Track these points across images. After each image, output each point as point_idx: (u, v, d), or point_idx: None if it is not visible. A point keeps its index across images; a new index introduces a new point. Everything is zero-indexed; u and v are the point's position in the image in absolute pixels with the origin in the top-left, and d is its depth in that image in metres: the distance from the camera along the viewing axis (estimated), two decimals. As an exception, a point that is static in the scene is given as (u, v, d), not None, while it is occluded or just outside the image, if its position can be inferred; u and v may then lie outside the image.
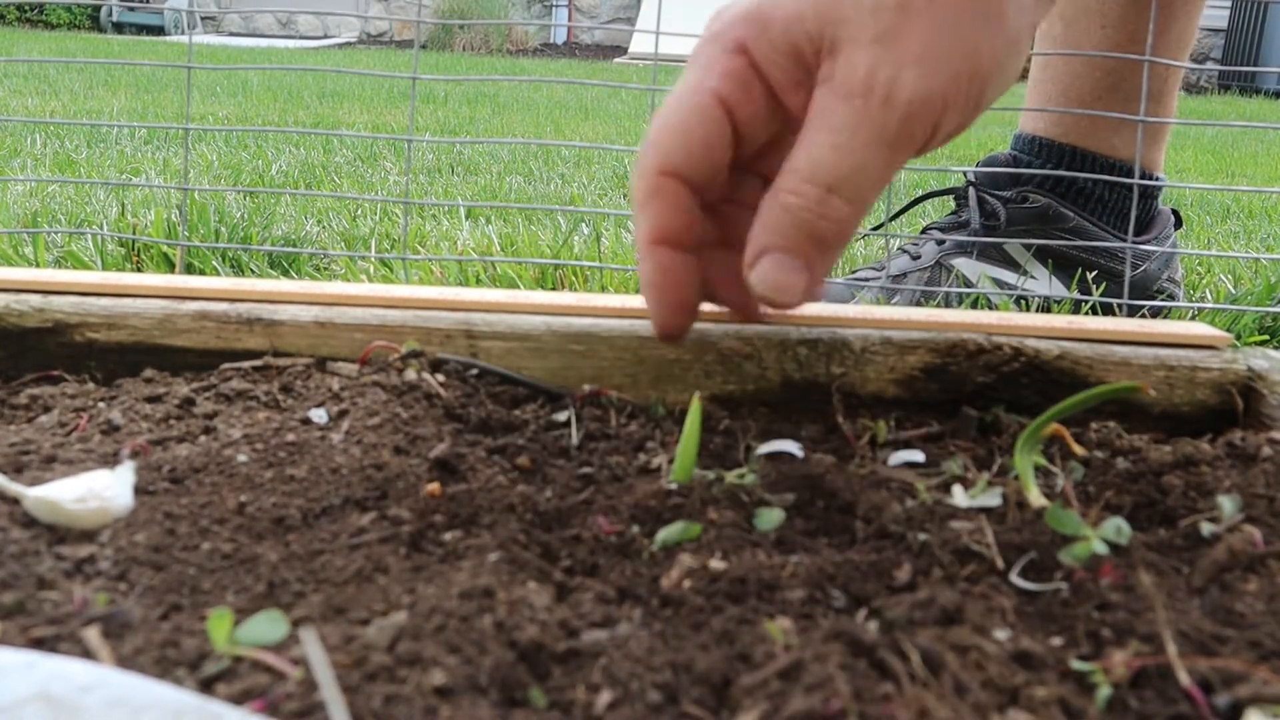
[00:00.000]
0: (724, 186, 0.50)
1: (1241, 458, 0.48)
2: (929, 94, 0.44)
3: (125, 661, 0.32)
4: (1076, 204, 1.17)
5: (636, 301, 0.58)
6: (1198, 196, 2.28)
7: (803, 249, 0.46)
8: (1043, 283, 1.17)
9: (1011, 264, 1.17)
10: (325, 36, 8.83)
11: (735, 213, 0.51)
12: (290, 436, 0.48)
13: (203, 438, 0.49)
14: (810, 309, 0.58)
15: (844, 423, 0.54)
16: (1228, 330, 1.05)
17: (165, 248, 1.22)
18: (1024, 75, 1.23)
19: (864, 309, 0.60)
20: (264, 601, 0.36)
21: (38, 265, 1.16)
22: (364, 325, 0.57)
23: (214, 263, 1.19)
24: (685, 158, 0.46)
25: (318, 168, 2.04)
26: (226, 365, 0.56)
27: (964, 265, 1.17)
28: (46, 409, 0.52)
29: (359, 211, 1.58)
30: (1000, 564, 0.40)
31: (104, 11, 8.66)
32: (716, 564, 0.39)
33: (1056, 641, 0.35)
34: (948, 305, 1.15)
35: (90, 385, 0.55)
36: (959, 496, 0.45)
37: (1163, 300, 1.16)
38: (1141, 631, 0.35)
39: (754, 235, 0.46)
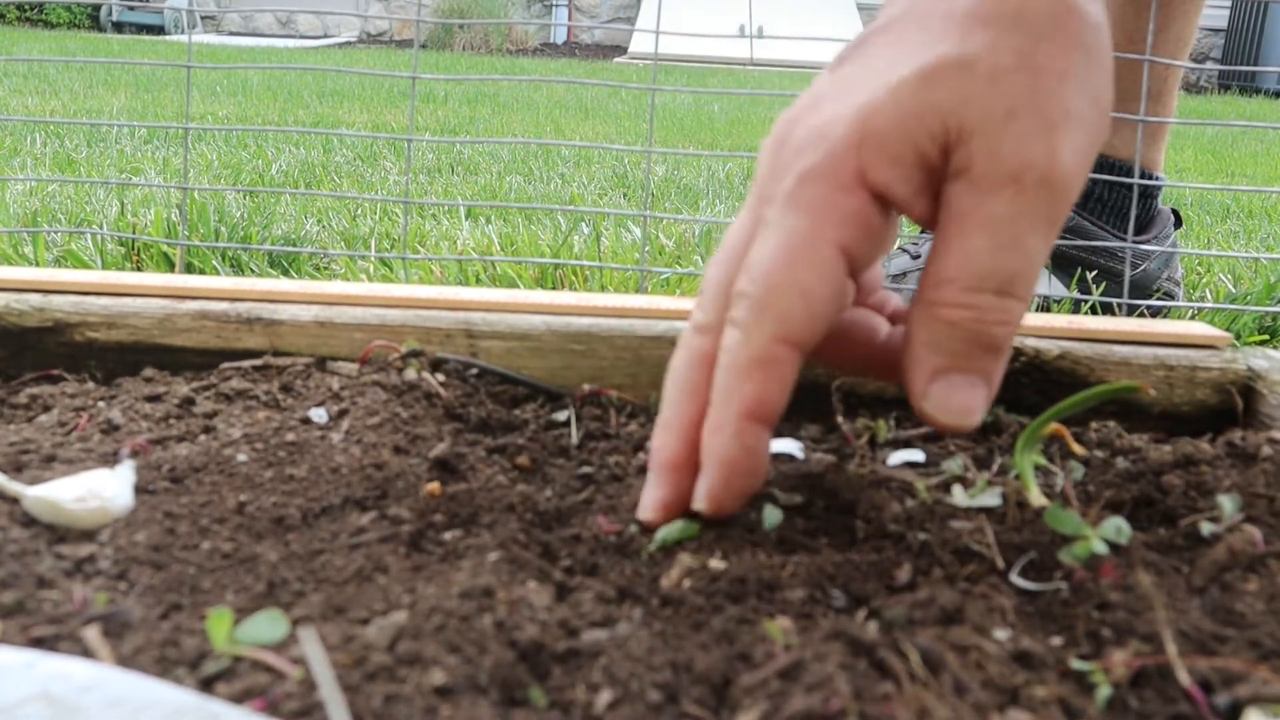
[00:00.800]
0: None
1: (1241, 458, 0.48)
2: (1079, 156, 0.40)
3: (125, 661, 0.32)
4: (1076, 203, 1.17)
5: (636, 301, 0.58)
6: (1198, 196, 2.28)
7: (980, 363, 0.40)
8: (1042, 282, 1.17)
9: (1011, 264, 1.17)
10: (325, 36, 8.84)
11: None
12: (290, 436, 0.48)
13: (203, 437, 0.49)
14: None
15: (844, 423, 0.54)
16: (1227, 330, 1.05)
17: (165, 247, 1.22)
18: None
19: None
20: (264, 601, 0.36)
21: (38, 265, 1.16)
22: (364, 325, 0.57)
23: (214, 262, 1.19)
24: (806, 324, 0.39)
25: (318, 167, 2.04)
26: (226, 365, 0.56)
27: (964, 265, 1.17)
28: (46, 408, 0.52)
29: (359, 211, 1.59)
30: (1000, 564, 0.40)
31: (104, 11, 8.66)
32: (716, 564, 0.39)
33: (1056, 641, 0.35)
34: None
35: (90, 385, 0.55)
36: (959, 496, 0.45)
37: (1162, 300, 1.16)
38: (1141, 631, 0.35)
39: (917, 358, 0.40)
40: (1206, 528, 0.42)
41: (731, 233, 0.44)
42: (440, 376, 0.54)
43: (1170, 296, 1.19)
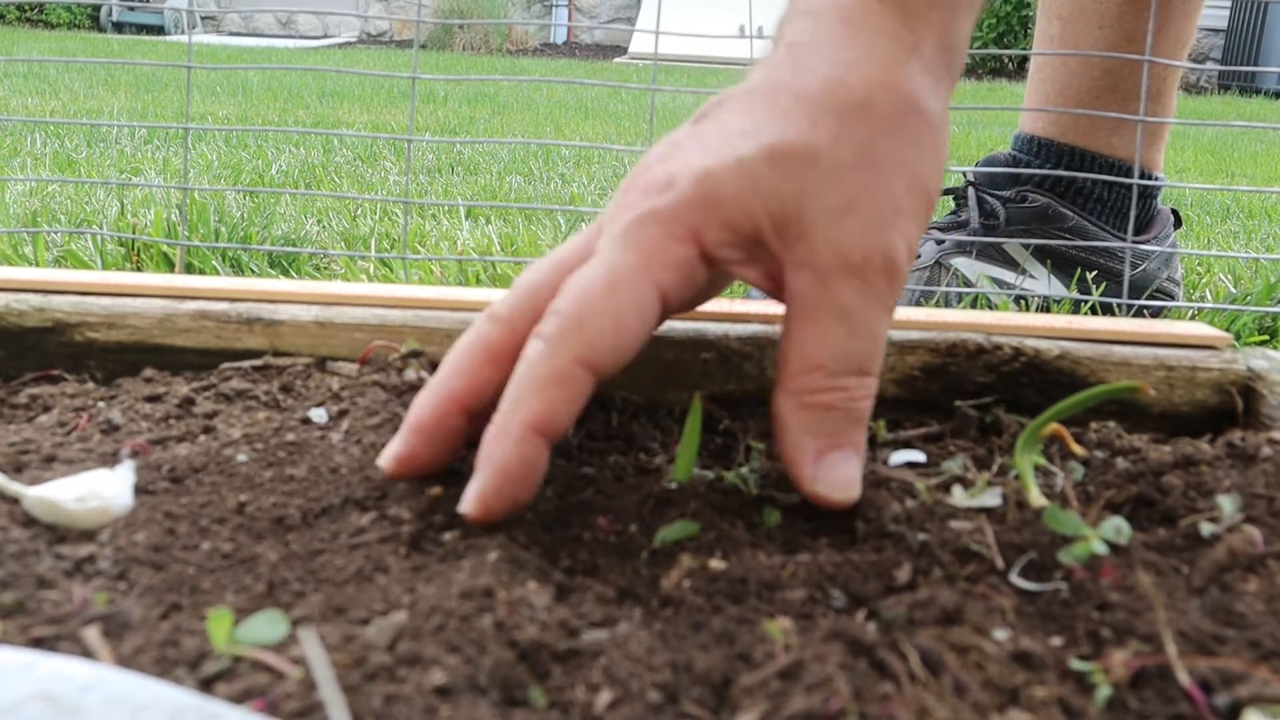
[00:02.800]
0: None
1: (1241, 458, 0.48)
2: (911, 245, 0.43)
3: (125, 661, 0.32)
4: (1076, 203, 1.17)
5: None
6: (1198, 196, 2.28)
7: (853, 437, 0.43)
8: (1042, 282, 1.17)
9: (1011, 263, 1.17)
10: (325, 36, 8.83)
11: None
12: (290, 436, 0.48)
13: (203, 437, 0.49)
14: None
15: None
16: (1227, 330, 1.05)
17: (165, 247, 1.22)
18: (1025, 75, 1.23)
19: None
20: (264, 601, 0.36)
21: (38, 265, 1.16)
22: (364, 325, 0.57)
23: (214, 262, 1.19)
24: (609, 353, 0.41)
25: (318, 167, 2.04)
26: (226, 365, 0.56)
27: (963, 265, 1.17)
28: (46, 408, 0.52)
29: (359, 211, 1.58)
30: (1000, 564, 0.40)
31: (104, 11, 8.66)
32: (716, 564, 0.39)
33: (1056, 641, 0.35)
34: (947, 305, 1.15)
35: (90, 385, 0.55)
36: (959, 496, 0.45)
37: (1162, 300, 1.16)
38: (1141, 631, 0.35)
39: (798, 445, 0.42)
40: (1206, 528, 0.42)
41: (561, 249, 0.45)
42: (440, 377, 0.54)
43: (1170, 296, 1.19)
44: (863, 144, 0.42)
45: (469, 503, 0.40)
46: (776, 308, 0.57)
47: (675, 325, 0.56)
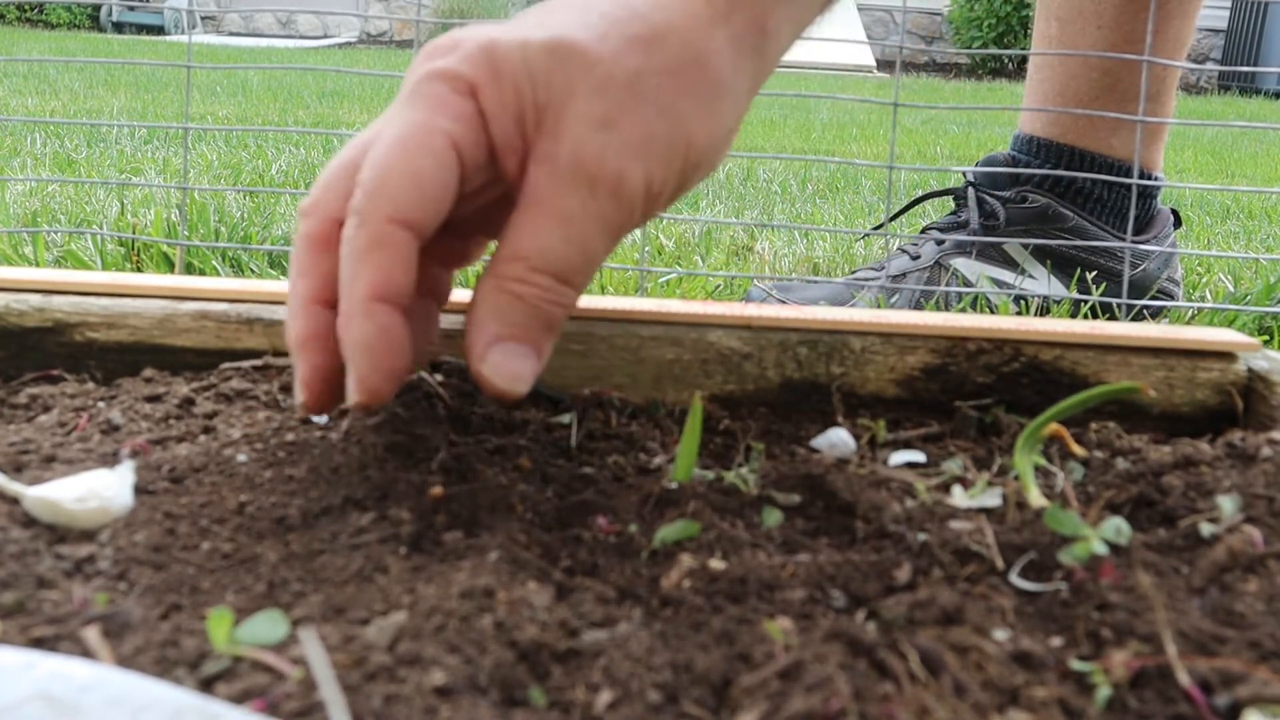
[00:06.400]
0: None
1: (1241, 458, 0.48)
2: (650, 183, 0.43)
3: (125, 661, 0.32)
4: (1075, 204, 1.17)
5: (637, 303, 0.58)
6: (1197, 196, 2.28)
7: (534, 336, 0.44)
8: (1041, 282, 1.17)
9: (1011, 264, 1.17)
10: (325, 36, 8.83)
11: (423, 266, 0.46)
12: (290, 436, 0.48)
13: (203, 437, 0.49)
14: (810, 310, 0.58)
15: (844, 423, 0.54)
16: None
17: (165, 247, 1.22)
18: (1024, 75, 1.23)
19: (864, 311, 0.60)
20: (264, 601, 0.36)
21: (38, 265, 1.16)
22: (364, 325, 0.57)
23: (214, 262, 1.19)
24: (418, 205, 0.41)
25: (318, 167, 2.04)
26: (226, 365, 0.56)
27: (963, 265, 1.17)
28: (46, 409, 0.52)
29: (359, 211, 1.58)
30: (1000, 564, 0.40)
31: (104, 11, 8.66)
32: (716, 564, 0.39)
33: (1056, 641, 0.35)
34: (947, 305, 1.15)
35: (90, 385, 0.55)
36: (959, 496, 0.45)
37: (1162, 300, 1.16)
38: (1141, 631, 0.35)
39: (479, 323, 0.43)
40: (1206, 528, 0.42)
41: (368, 128, 0.46)
42: (440, 376, 0.54)
43: (1170, 297, 1.19)
44: (640, 71, 0.43)
45: (351, 394, 0.41)
46: (776, 309, 0.57)
47: (675, 325, 0.56)
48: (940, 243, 1.18)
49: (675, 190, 0.45)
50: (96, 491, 0.41)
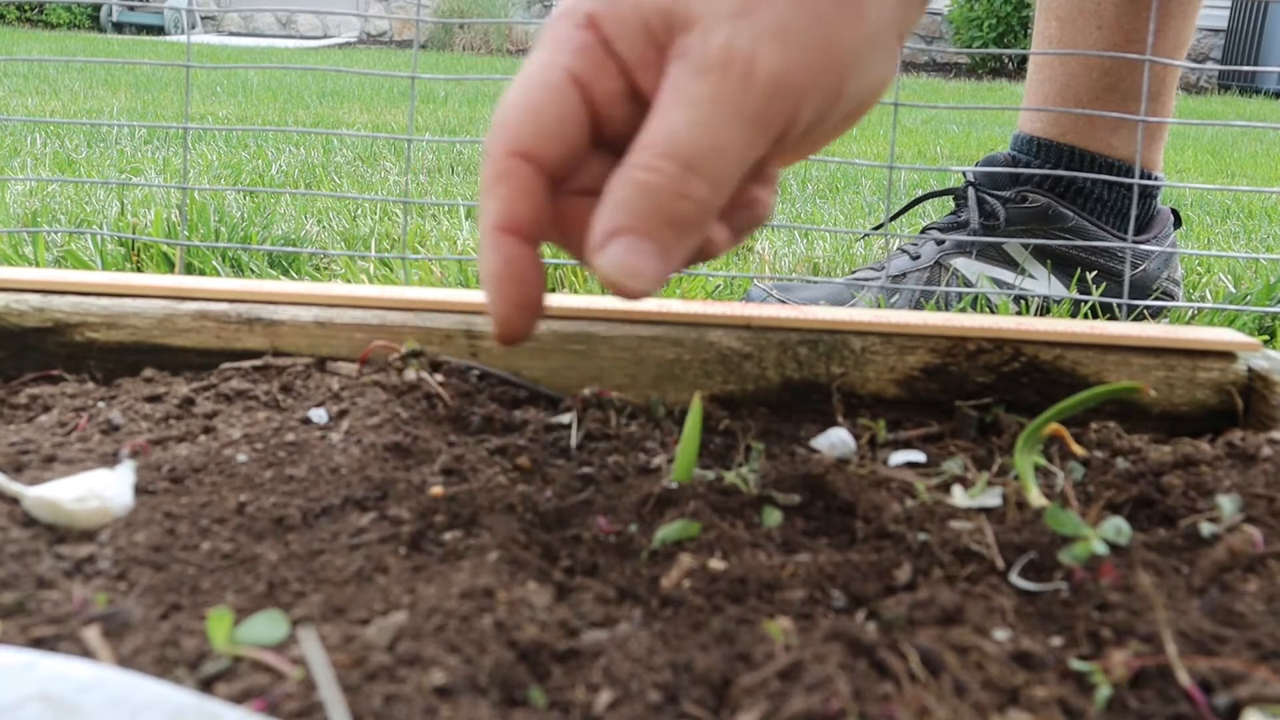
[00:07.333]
0: (577, 173, 0.45)
1: (1241, 458, 0.48)
2: (787, 70, 0.41)
3: (125, 661, 0.32)
4: (1075, 204, 1.17)
5: (636, 303, 0.58)
6: (1198, 196, 2.28)
7: (659, 231, 0.41)
8: (1042, 282, 1.17)
9: (1011, 264, 1.17)
10: (325, 36, 8.83)
11: (583, 204, 0.45)
12: (290, 436, 0.48)
13: (203, 437, 0.49)
14: (810, 310, 0.58)
15: (844, 423, 0.54)
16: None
17: (165, 247, 1.22)
18: (1025, 75, 1.23)
19: (864, 311, 0.60)
20: (264, 601, 0.36)
21: (38, 265, 1.16)
22: (364, 325, 0.57)
23: (214, 262, 1.19)
24: (537, 138, 0.42)
25: (318, 167, 2.04)
26: (226, 365, 0.56)
27: (963, 265, 1.17)
28: (46, 409, 0.52)
29: (359, 211, 1.58)
30: (1000, 564, 0.40)
31: (104, 11, 8.66)
32: (716, 564, 0.39)
33: (1056, 641, 0.35)
34: (947, 305, 1.15)
35: (90, 385, 0.55)
36: (959, 496, 0.45)
37: (1162, 300, 1.16)
38: (1141, 631, 0.35)
39: (602, 215, 0.41)
40: (1206, 528, 0.42)
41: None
42: (440, 377, 0.54)
43: (1170, 296, 1.19)
44: None
45: (493, 332, 0.42)
46: (776, 309, 0.57)
47: (675, 325, 0.56)
48: (940, 243, 1.18)
49: (825, 94, 0.43)
50: (96, 491, 0.41)
